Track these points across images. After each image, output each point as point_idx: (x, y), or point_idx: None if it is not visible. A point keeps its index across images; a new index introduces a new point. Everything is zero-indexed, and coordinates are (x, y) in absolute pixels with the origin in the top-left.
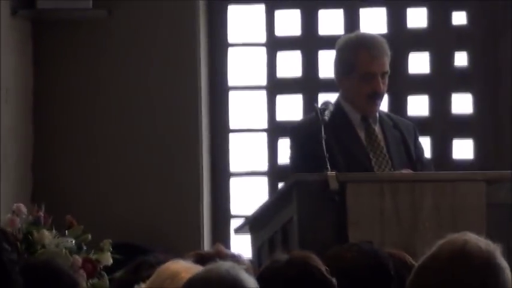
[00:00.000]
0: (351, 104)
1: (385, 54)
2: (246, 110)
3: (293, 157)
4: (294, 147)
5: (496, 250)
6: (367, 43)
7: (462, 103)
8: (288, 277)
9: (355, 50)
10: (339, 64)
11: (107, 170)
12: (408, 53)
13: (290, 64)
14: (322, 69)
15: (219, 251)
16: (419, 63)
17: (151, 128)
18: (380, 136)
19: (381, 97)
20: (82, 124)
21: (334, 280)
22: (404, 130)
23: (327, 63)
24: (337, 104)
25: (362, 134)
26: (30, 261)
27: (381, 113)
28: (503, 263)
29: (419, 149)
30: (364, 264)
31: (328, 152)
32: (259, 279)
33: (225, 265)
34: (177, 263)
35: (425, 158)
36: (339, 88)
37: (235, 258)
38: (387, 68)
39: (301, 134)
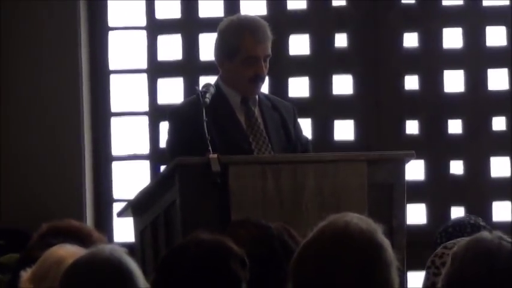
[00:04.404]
0: (232, 87)
1: (268, 38)
2: (127, 94)
3: (171, 141)
4: (172, 131)
5: (377, 230)
6: (251, 27)
7: (343, 84)
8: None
9: (238, 33)
10: (222, 47)
11: None
12: (288, 34)
13: (171, 47)
14: (202, 52)
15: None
16: (299, 44)
17: (33, 113)
18: (259, 119)
19: (262, 80)
20: None
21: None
22: (283, 111)
23: (207, 46)
24: (216, 86)
25: (242, 117)
26: None
27: (260, 95)
28: (385, 242)
29: (298, 129)
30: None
31: (208, 135)
32: (166, 259)
33: (107, 248)
34: (63, 248)
35: (304, 137)
36: (220, 70)
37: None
38: (269, 51)
39: (179, 117)
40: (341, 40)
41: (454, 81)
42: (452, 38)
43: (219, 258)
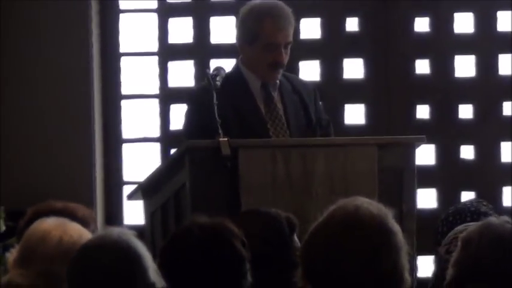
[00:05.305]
0: (252, 71)
1: (290, 24)
2: (138, 76)
3: (186, 124)
4: (188, 115)
5: (388, 214)
6: (273, 13)
7: (353, 68)
8: (201, 240)
9: (260, 19)
10: (242, 32)
11: None
12: (299, 18)
13: (182, 30)
14: (213, 35)
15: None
16: (310, 28)
17: (44, 95)
18: (279, 104)
19: (282, 67)
20: None
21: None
22: (304, 93)
23: (218, 29)
24: (237, 69)
25: (261, 102)
26: None
27: (281, 78)
28: (395, 227)
29: (319, 111)
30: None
31: (223, 120)
32: (170, 244)
33: (116, 231)
34: (43, 222)
35: (325, 119)
36: (241, 54)
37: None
38: (291, 38)
39: (196, 101)
40: (352, 24)
41: (464, 66)
42: (463, 22)
43: (224, 239)
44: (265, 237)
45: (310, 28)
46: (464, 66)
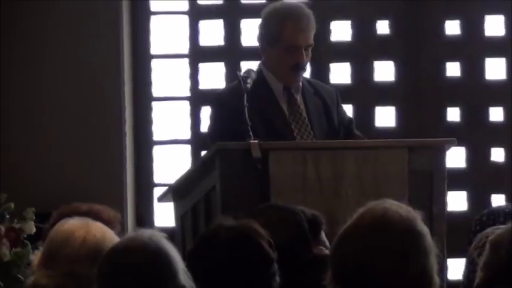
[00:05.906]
0: (273, 74)
1: (311, 27)
2: (168, 78)
3: (212, 126)
4: (214, 117)
5: (417, 217)
6: (294, 15)
7: (384, 71)
8: (228, 241)
9: (281, 21)
10: (264, 34)
11: (30, 140)
12: (330, 21)
13: (213, 32)
14: (244, 38)
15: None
16: (341, 31)
17: (75, 97)
18: (302, 106)
19: (303, 69)
20: (4, 90)
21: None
22: (326, 96)
23: (249, 31)
24: (259, 72)
25: (284, 104)
26: None
27: (303, 81)
28: (424, 229)
29: (341, 113)
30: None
31: (250, 121)
32: (199, 244)
33: (146, 233)
34: (66, 223)
35: (347, 118)
36: (262, 56)
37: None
38: (312, 41)
39: (222, 103)
40: (383, 27)
41: (495, 68)
42: (494, 25)
43: (252, 240)
44: (283, 233)
45: (341, 31)
46: (495, 68)
